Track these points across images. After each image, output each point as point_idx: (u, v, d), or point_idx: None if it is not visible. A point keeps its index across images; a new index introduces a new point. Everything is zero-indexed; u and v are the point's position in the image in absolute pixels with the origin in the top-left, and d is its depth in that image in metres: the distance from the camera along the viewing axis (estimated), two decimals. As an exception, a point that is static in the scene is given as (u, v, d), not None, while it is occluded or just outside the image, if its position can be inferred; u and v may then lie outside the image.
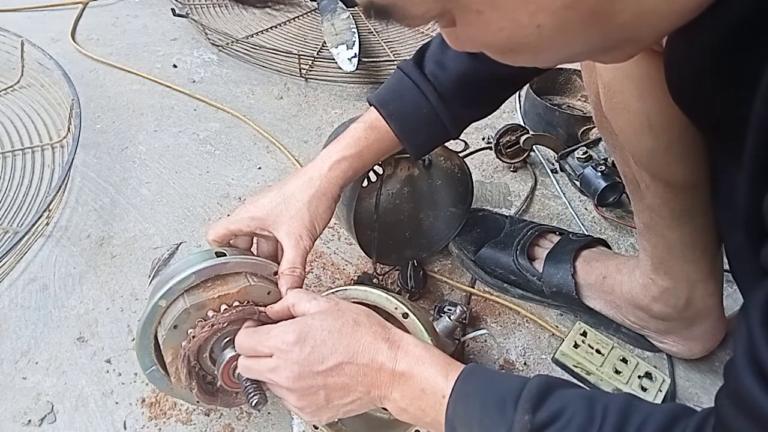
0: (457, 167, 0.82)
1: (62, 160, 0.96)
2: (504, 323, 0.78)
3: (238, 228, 0.59)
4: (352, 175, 0.63)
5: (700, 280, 0.64)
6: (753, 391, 0.29)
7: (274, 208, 0.59)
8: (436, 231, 0.86)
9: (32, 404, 0.66)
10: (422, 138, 0.66)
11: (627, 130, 0.54)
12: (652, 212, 0.61)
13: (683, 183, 0.56)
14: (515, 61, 0.33)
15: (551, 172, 1.03)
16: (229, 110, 1.13)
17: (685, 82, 0.40)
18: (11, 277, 0.80)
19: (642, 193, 0.60)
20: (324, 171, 0.61)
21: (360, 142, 0.63)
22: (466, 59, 0.62)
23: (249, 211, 0.60)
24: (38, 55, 1.14)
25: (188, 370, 0.54)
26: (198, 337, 0.52)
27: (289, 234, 0.58)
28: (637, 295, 0.69)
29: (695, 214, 0.59)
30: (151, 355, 0.55)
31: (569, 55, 0.33)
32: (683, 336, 0.70)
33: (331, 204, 0.61)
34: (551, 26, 0.29)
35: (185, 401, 0.62)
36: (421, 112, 0.64)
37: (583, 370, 0.70)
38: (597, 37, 0.31)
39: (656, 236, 0.63)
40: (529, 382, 0.42)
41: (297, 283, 0.56)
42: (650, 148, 0.53)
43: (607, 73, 0.53)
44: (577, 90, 1.16)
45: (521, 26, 0.29)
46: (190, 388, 0.55)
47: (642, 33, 0.31)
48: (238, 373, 0.54)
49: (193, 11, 1.39)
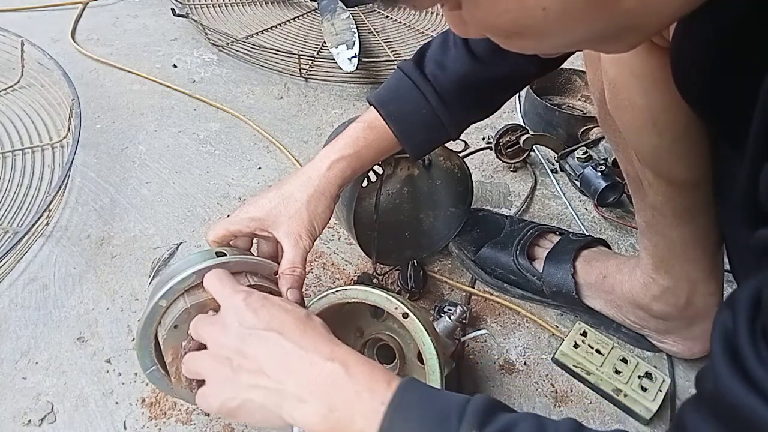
0: (456, 167, 0.82)
1: (62, 160, 0.96)
2: (504, 323, 0.78)
3: (238, 229, 0.59)
4: (351, 175, 0.63)
5: (701, 279, 0.64)
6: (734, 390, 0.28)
7: (273, 209, 0.59)
8: (436, 231, 0.86)
9: (32, 404, 0.66)
10: (421, 138, 0.66)
11: (631, 127, 0.54)
12: (654, 211, 0.61)
13: (686, 181, 0.56)
14: (520, 46, 0.33)
15: (551, 172, 1.03)
16: (229, 110, 1.13)
17: (692, 74, 0.40)
18: (11, 277, 0.80)
19: (644, 191, 0.60)
20: (323, 170, 0.61)
21: (359, 141, 0.63)
22: (466, 60, 0.62)
23: (248, 212, 0.60)
24: (38, 55, 1.14)
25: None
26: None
27: (289, 234, 0.58)
28: (638, 294, 0.68)
29: (697, 212, 0.59)
30: (152, 355, 0.55)
31: (572, 41, 0.33)
32: (683, 335, 0.70)
33: (330, 203, 0.61)
34: (556, 9, 0.29)
35: (185, 401, 0.62)
36: (421, 113, 0.64)
37: (583, 370, 0.70)
38: (601, 23, 0.31)
39: (657, 235, 0.63)
40: (473, 398, 0.39)
41: (297, 283, 0.56)
42: (654, 146, 0.54)
43: (612, 70, 0.53)
44: (577, 90, 1.16)
45: (527, 8, 0.29)
46: (191, 388, 0.55)
47: (646, 20, 0.31)
48: None
49: (193, 11, 1.39)
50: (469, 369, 0.72)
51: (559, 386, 0.71)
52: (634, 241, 0.91)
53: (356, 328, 0.63)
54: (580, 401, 0.70)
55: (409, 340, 0.61)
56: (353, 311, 0.63)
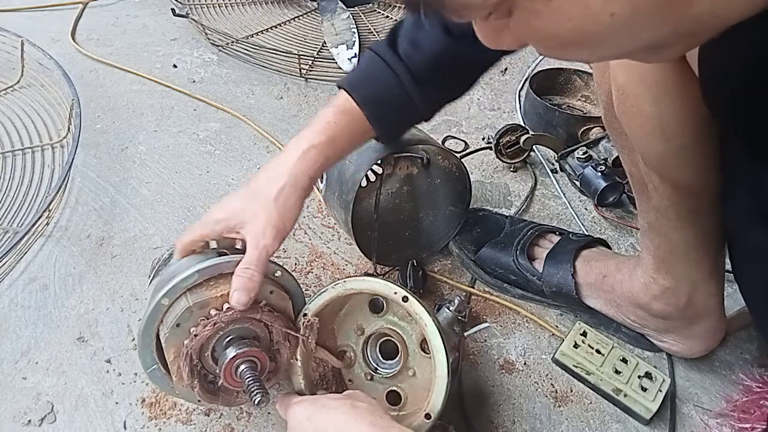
0: (454, 166, 0.82)
1: (62, 160, 0.96)
2: (504, 323, 0.78)
3: (206, 233, 0.57)
4: (324, 163, 0.59)
5: (702, 279, 0.64)
6: None
7: (239, 208, 0.57)
8: (436, 230, 0.86)
9: (32, 404, 0.66)
10: (393, 120, 0.64)
11: (639, 133, 0.54)
12: (657, 213, 0.61)
13: (692, 185, 0.56)
14: (569, 55, 0.32)
15: (551, 172, 1.03)
16: (229, 110, 1.13)
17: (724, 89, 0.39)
18: (11, 277, 0.80)
19: (649, 194, 0.60)
20: (292, 163, 0.58)
21: (330, 127, 0.60)
22: (442, 38, 0.60)
23: (215, 214, 0.58)
24: (38, 55, 1.14)
25: (190, 369, 0.54)
26: (201, 335, 0.52)
27: (252, 233, 0.55)
28: (638, 294, 0.68)
29: (701, 215, 0.59)
30: (153, 353, 0.55)
31: (628, 50, 0.32)
32: (683, 335, 0.70)
33: (300, 196, 0.58)
34: (625, 14, 0.27)
35: (186, 400, 0.62)
36: (393, 94, 0.62)
37: (583, 370, 0.70)
38: (667, 29, 0.29)
39: (660, 236, 0.63)
40: None
41: (247, 285, 0.52)
42: (661, 152, 0.53)
43: (621, 75, 0.52)
44: (577, 90, 1.16)
45: (593, 14, 0.28)
46: (192, 386, 0.55)
47: (708, 26, 0.30)
48: (240, 372, 0.54)
49: (193, 11, 1.39)
50: (470, 369, 0.72)
51: (559, 386, 0.71)
52: (634, 241, 0.91)
53: (357, 327, 0.63)
54: (580, 401, 0.70)
55: (411, 331, 0.61)
56: (352, 310, 0.63)
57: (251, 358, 0.54)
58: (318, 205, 0.94)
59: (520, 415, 0.68)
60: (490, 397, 0.69)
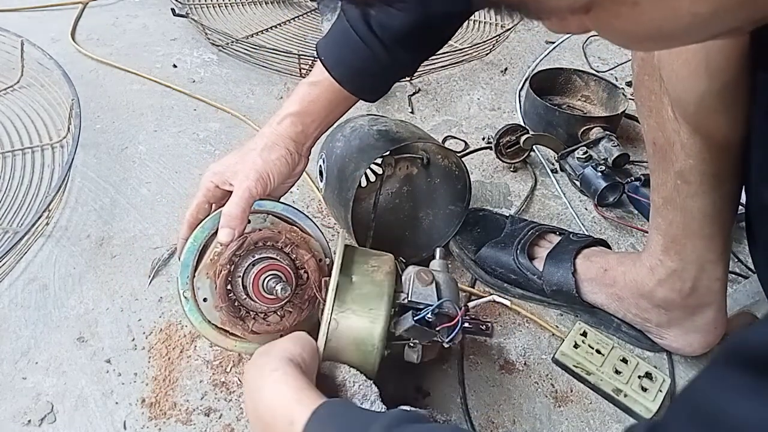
0: (454, 165, 0.82)
1: (62, 160, 0.96)
2: (504, 323, 0.78)
3: (206, 190, 0.64)
4: (303, 130, 0.66)
5: (710, 261, 0.64)
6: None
7: (231, 161, 0.64)
8: (436, 229, 0.86)
9: (32, 404, 0.66)
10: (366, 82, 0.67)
11: (681, 73, 0.53)
12: (678, 179, 0.61)
13: (723, 138, 0.55)
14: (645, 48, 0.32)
15: (551, 172, 1.03)
16: (229, 110, 1.13)
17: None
18: (11, 277, 0.80)
19: (674, 156, 0.60)
20: (273, 126, 0.66)
21: (304, 98, 0.66)
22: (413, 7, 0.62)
23: (211, 168, 0.65)
24: (38, 55, 1.14)
25: (223, 286, 0.59)
26: (231, 248, 0.59)
27: (238, 179, 0.61)
28: (642, 281, 0.69)
29: (723, 179, 0.59)
30: (189, 276, 0.61)
31: (696, 41, 0.32)
32: (685, 328, 0.70)
33: (283, 152, 0.64)
34: (707, 12, 0.27)
35: (209, 339, 0.64)
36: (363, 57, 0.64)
37: (583, 370, 0.70)
38: (743, 17, 0.29)
39: (675, 210, 0.63)
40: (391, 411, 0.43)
41: (232, 224, 0.59)
42: (702, 92, 0.53)
43: None
44: (577, 90, 1.16)
45: (677, 15, 0.27)
46: (220, 307, 0.60)
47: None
48: (266, 282, 0.60)
49: (193, 11, 1.39)
50: (470, 369, 0.72)
51: (559, 386, 0.71)
52: (634, 241, 0.91)
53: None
54: (580, 401, 0.70)
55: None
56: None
57: (276, 272, 0.60)
58: (318, 205, 0.94)
59: (520, 415, 0.68)
60: (490, 398, 0.69)
